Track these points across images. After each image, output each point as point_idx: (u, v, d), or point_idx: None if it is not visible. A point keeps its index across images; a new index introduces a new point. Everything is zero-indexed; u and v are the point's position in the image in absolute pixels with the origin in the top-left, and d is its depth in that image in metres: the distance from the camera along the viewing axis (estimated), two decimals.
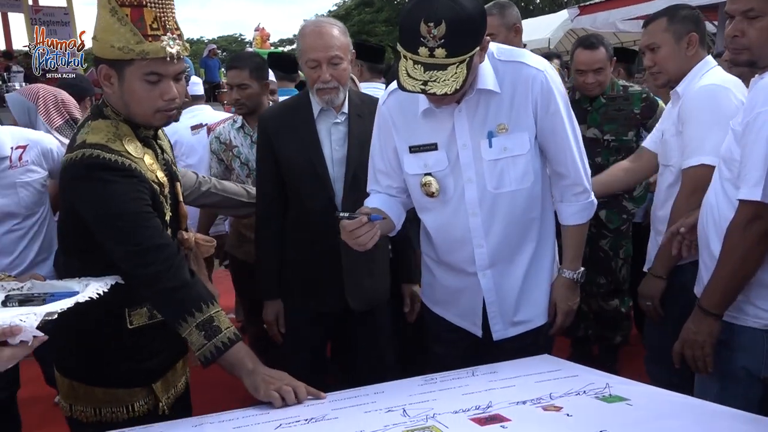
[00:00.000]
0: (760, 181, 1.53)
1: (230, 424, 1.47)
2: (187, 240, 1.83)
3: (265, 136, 2.31)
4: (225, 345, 1.58)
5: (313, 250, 2.28)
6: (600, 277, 3.31)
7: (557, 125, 1.74)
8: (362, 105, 2.32)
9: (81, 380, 1.79)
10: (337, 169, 2.25)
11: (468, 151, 1.76)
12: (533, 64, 1.69)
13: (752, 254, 1.58)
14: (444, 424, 1.27)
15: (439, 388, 1.58)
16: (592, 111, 3.17)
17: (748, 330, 1.61)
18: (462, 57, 1.50)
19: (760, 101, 1.57)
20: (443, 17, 1.45)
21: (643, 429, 1.15)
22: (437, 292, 2.06)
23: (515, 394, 1.44)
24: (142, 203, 1.62)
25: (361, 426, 1.31)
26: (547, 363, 1.75)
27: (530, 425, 1.23)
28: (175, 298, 1.62)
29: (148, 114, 1.65)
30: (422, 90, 1.51)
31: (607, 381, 1.48)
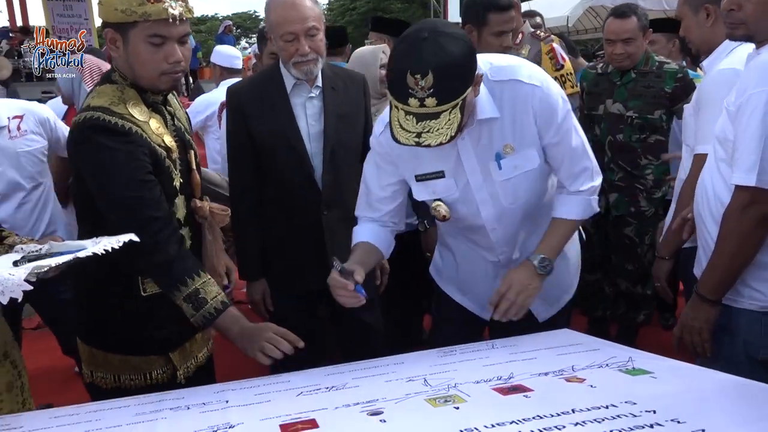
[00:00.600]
0: (754, 166, 1.48)
1: (251, 392, 1.48)
2: (200, 208, 1.82)
3: (237, 112, 2.23)
4: (211, 315, 1.65)
5: (295, 227, 2.23)
6: (627, 264, 3.27)
7: (561, 138, 1.69)
8: (335, 77, 2.25)
9: (99, 347, 1.81)
10: (315, 144, 2.19)
11: (478, 176, 1.72)
12: (529, 81, 1.62)
13: (749, 240, 1.54)
14: (466, 393, 1.27)
15: (459, 360, 1.58)
16: (620, 85, 3.08)
17: (745, 312, 1.59)
18: (454, 102, 1.44)
19: (752, 82, 1.51)
20: (429, 67, 1.39)
21: (669, 401, 1.14)
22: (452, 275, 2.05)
23: (537, 366, 1.43)
24: (140, 171, 1.62)
25: (383, 394, 1.31)
26: (567, 337, 1.74)
27: (554, 395, 1.22)
28: (161, 272, 1.66)
29: (154, 77, 1.66)
30: (416, 143, 1.45)
31: (630, 355, 1.47)
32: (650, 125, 3.04)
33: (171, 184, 1.71)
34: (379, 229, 1.85)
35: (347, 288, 1.63)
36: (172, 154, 1.71)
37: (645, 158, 3.09)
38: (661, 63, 3.07)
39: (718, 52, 2.08)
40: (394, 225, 1.88)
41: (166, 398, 1.50)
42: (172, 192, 1.73)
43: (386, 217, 1.85)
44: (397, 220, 1.89)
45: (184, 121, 1.90)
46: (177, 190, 1.74)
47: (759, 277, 1.57)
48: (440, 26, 1.47)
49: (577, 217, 1.78)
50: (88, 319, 1.82)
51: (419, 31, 1.44)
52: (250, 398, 1.41)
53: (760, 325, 1.57)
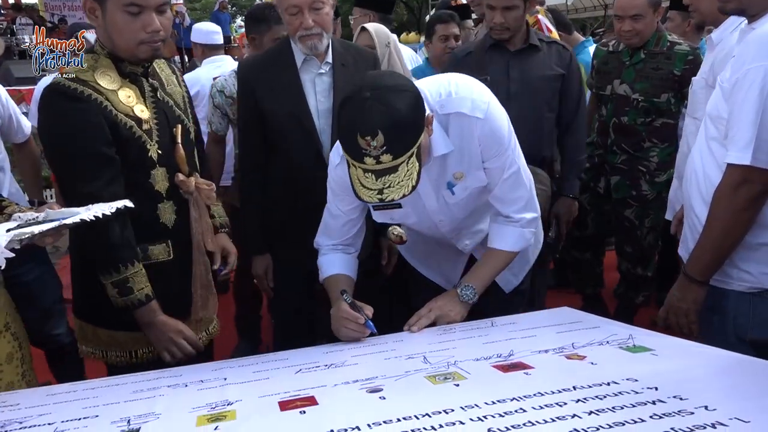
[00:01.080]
0: (749, 143, 1.44)
1: (250, 369, 1.47)
2: (183, 183, 1.80)
3: (246, 87, 2.22)
4: (133, 305, 1.68)
5: (301, 203, 2.22)
6: (626, 246, 3.27)
7: (502, 163, 1.67)
8: (346, 53, 2.23)
9: (88, 321, 1.83)
10: (323, 120, 2.18)
11: (432, 202, 1.73)
12: (472, 113, 1.60)
13: (740, 220, 1.50)
14: (466, 371, 1.26)
15: (458, 338, 1.57)
16: (629, 66, 3.03)
17: (733, 293, 1.56)
18: (409, 153, 1.42)
19: (750, 56, 1.46)
20: (378, 128, 1.37)
21: (671, 378, 1.13)
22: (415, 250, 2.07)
23: (537, 344, 1.42)
24: (93, 143, 1.61)
25: (382, 371, 1.30)
26: (567, 315, 1.74)
27: (554, 373, 1.22)
28: (97, 252, 1.68)
29: (132, 46, 1.66)
30: (379, 200, 1.44)
31: (630, 332, 1.46)
32: (656, 109, 2.99)
33: (145, 155, 1.70)
34: (346, 258, 1.84)
35: (358, 321, 1.62)
36: (144, 125, 1.70)
37: (650, 141, 3.06)
38: (672, 44, 2.98)
39: (729, 23, 2.02)
40: (356, 251, 1.87)
41: (164, 375, 1.49)
42: (148, 163, 1.72)
43: (349, 241, 1.84)
44: (358, 245, 1.88)
45: (177, 96, 1.87)
46: (154, 161, 1.72)
47: (748, 258, 1.54)
48: (381, 81, 1.43)
49: (510, 249, 1.79)
50: (81, 293, 1.82)
51: (361, 91, 1.40)
52: (248, 376, 1.40)
53: (749, 305, 1.55)
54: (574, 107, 2.71)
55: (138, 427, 1.11)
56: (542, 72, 2.62)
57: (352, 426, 1.01)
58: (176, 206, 1.80)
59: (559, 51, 2.68)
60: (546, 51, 2.65)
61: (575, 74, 2.70)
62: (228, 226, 2.11)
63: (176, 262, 1.81)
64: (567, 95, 2.68)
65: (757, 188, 1.47)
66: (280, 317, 2.40)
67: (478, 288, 1.76)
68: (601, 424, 0.95)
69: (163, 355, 1.73)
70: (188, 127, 1.87)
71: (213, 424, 1.09)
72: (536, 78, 2.61)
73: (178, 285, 1.82)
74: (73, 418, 1.19)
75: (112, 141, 1.64)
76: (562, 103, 2.69)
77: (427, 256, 2.04)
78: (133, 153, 1.68)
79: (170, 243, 1.79)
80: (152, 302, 1.70)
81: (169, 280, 1.78)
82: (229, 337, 3.39)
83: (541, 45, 2.64)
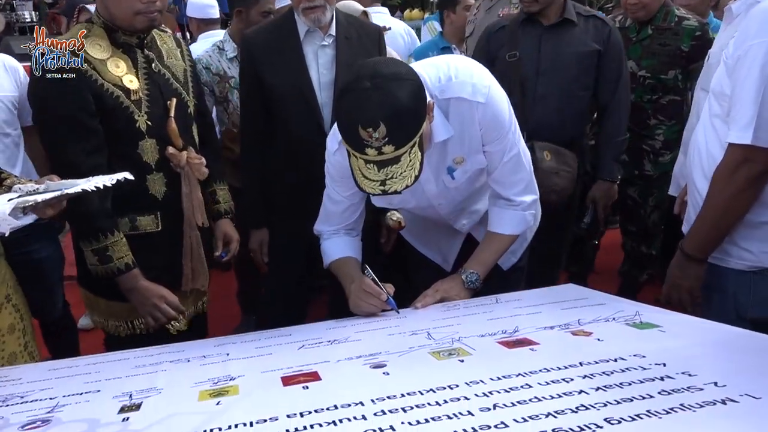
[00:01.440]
0: (750, 122, 1.40)
1: (252, 345, 1.46)
2: (173, 156, 1.79)
3: (249, 58, 2.20)
4: (113, 272, 1.71)
5: (302, 176, 2.18)
6: (630, 224, 3.23)
7: (503, 147, 1.65)
8: (349, 27, 2.19)
9: (88, 289, 1.85)
10: (325, 93, 2.15)
11: (432, 186, 1.71)
12: (473, 98, 1.56)
13: (739, 199, 1.47)
14: (471, 347, 1.25)
15: (463, 314, 1.56)
16: (635, 42, 2.96)
17: (733, 272, 1.54)
18: (412, 143, 1.39)
19: (752, 32, 1.41)
20: (380, 119, 1.32)
21: (679, 354, 1.12)
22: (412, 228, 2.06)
23: (542, 320, 1.40)
24: (72, 110, 1.63)
25: (386, 347, 1.29)
26: (572, 291, 1.72)
27: (560, 349, 1.20)
28: (76, 221, 1.72)
29: (128, 16, 1.67)
30: (382, 191, 1.41)
31: (637, 309, 1.44)
32: (663, 86, 2.94)
33: (133, 125, 1.71)
34: (350, 240, 1.82)
35: (381, 297, 1.61)
36: (133, 95, 1.70)
37: (655, 118, 3.01)
38: (681, 18, 2.91)
39: None
40: (357, 234, 1.85)
41: (166, 351, 1.49)
42: (136, 133, 1.72)
43: (351, 225, 1.82)
44: (359, 229, 1.86)
45: (178, 69, 1.86)
46: (143, 132, 1.73)
47: (748, 236, 1.51)
48: (381, 69, 1.38)
49: (511, 232, 1.77)
50: (80, 260, 1.82)
51: (360, 80, 1.35)
52: (251, 351, 1.39)
53: (750, 283, 1.53)
54: (613, 86, 2.54)
55: (140, 402, 1.10)
56: (576, 48, 2.47)
57: (355, 401, 1.00)
58: (167, 179, 1.80)
59: (597, 26, 2.52)
60: (582, 26, 2.50)
61: (615, 50, 2.51)
62: (232, 211, 2.09)
63: (165, 234, 1.82)
64: (604, 73, 2.52)
65: (758, 168, 1.43)
66: (278, 290, 2.37)
67: (481, 274, 1.75)
68: (608, 400, 0.93)
69: (147, 320, 1.76)
70: (186, 101, 1.86)
71: (215, 399, 1.08)
72: (569, 54, 2.47)
73: (167, 257, 1.84)
74: (74, 393, 1.18)
75: (94, 110, 1.65)
76: (599, 80, 2.53)
77: (424, 235, 2.02)
78: (120, 123, 1.69)
79: (159, 215, 1.80)
80: (133, 270, 1.72)
81: (157, 251, 1.80)
82: (235, 313, 3.40)
83: (578, 19, 2.49)
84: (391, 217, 2.09)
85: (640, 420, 0.87)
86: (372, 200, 1.78)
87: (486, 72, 1.63)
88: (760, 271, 1.50)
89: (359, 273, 1.69)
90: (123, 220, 1.75)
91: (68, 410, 1.09)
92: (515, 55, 2.46)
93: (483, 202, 1.87)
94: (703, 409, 0.89)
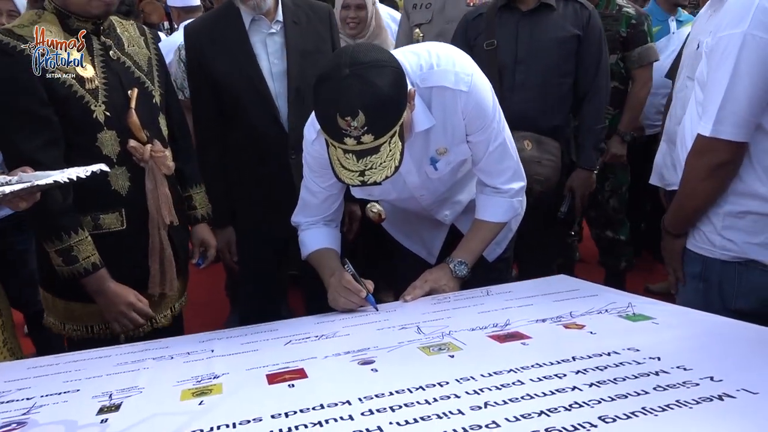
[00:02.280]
0: (713, 114, 1.41)
1: (237, 341, 1.43)
2: (134, 149, 1.69)
3: (193, 53, 2.09)
4: (80, 273, 1.63)
5: (263, 172, 2.12)
6: (590, 210, 3.22)
7: (487, 136, 1.62)
8: (297, 10, 2.09)
9: (47, 290, 1.78)
10: (278, 84, 2.06)
11: (414, 177, 1.67)
12: (455, 87, 1.52)
13: (700, 187, 1.49)
14: (461, 341, 1.22)
15: (453, 307, 1.53)
16: None
17: (718, 262, 1.54)
18: (392, 132, 1.34)
19: (725, 22, 1.40)
20: (358, 107, 1.28)
21: (673, 347, 1.09)
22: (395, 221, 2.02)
23: (534, 313, 1.38)
24: (21, 99, 1.55)
25: (375, 342, 1.26)
26: (564, 283, 1.70)
27: (552, 342, 1.18)
28: (37, 221, 1.63)
29: (83, 1, 1.59)
30: (361, 182, 1.37)
31: (630, 300, 1.42)
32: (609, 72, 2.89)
33: (89, 116, 1.62)
34: (329, 231, 1.78)
35: (360, 294, 1.57)
36: (87, 84, 1.62)
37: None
38: (621, 6, 2.96)
39: None
40: (336, 225, 1.82)
41: (150, 347, 1.45)
42: (93, 125, 1.63)
43: (330, 216, 1.78)
44: (338, 220, 1.83)
45: (141, 57, 1.77)
46: (101, 123, 1.64)
47: (731, 226, 1.51)
48: (360, 56, 1.33)
49: (499, 220, 1.74)
50: (40, 260, 1.76)
51: (338, 68, 1.31)
52: (236, 347, 1.36)
53: (735, 273, 1.52)
54: (593, 71, 2.47)
55: (120, 402, 1.06)
56: (554, 33, 2.41)
57: (342, 400, 0.97)
58: (130, 173, 1.70)
59: (576, 10, 2.46)
60: (561, 10, 2.44)
61: (594, 35, 2.45)
62: (210, 216, 2.01)
63: (131, 232, 1.72)
64: (584, 58, 2.46)
65: (720, 157, 1.43)
66: (253, 287, 2.30)
67: (469, 262, 1.72)
68: (602, 397, 0.91)
69: (113, 326, 1.69)
70: (150, 91, 1.76)
71: (197, 399, 1.05)
72: (547, 40, 2.40)
73: (133, 257, 1.74)
74: (52, 393, 1.14)
75: (46, 99, 1.56)
76: (579, 66, 2.47)
77: (407, 228, 1.99)
78: (75, 113, 1.60)
79: (124, 212, 1.71)
80: (100, 270, 1.65)
81: (122, 252, 1.71)
82: (224, 307, 3.36)
83: (556, 4, 2.44)
84: (371, 209, 2.04)
85: (635, 418, 0.84)
86: (351, 191, 1.74)
87: (468, 59, 1.59)
88: (744, 262, 1.49)
89: (339, 265, 1.65)
90: (85, 218, 1.66)
91: (45, 411, 1.06)
92: (493, 43, 2.41)
93: (466, 192, 1.84)
94: (700, 405, 0.87)
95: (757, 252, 1.46)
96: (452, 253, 1.75)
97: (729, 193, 1.48)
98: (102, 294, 1.66)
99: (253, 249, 2.24)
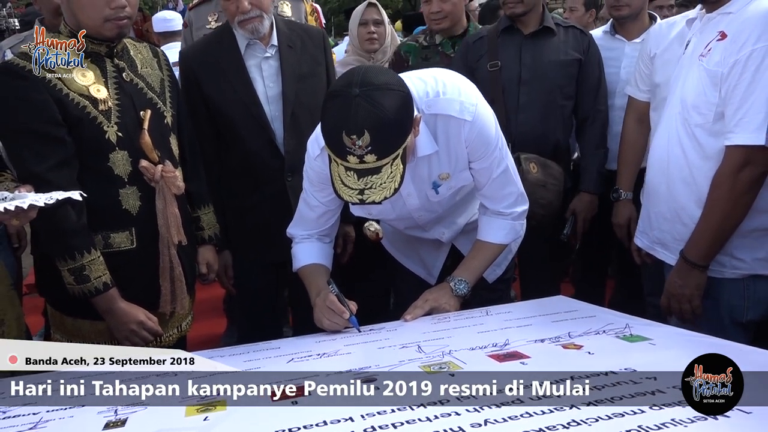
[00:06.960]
0: (763, 124, 1.43)
1: (240, 358, 1.44)
2: (147, 169, 1.70)
3: (190, 77, 2.08)
4: (91, 293, 1.64)
5: (259, 196, 2.11)
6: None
7: (490, 164, 1.65)
8: (292, 34, 2.11)
9: (54, 306, 1.79)
10: (274, 107, 2.07)
11: (414, 200, 1.70)
12: (460, 116, 1.55)
13: (742, 202, 1.50)
14: (462, 360, 1.24)
15: (453, 327, 1.55)
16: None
17: (727, 281, 1.57)
18: (394, 155, 1.38)
19: (752, 38, 1.44)
20: (364, 127, 1.32)
21: (669, 368, 1.11)
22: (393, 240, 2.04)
23: (532, 333, 1.40)
24: (34, 120, 1.58)
25: (376, 361, 1.28)
26: (562, 303, 1.72)
27: (551, 362, 1.20)
28: (50, 239, 1.64)
29: (97, 23, 1.62)
30: (360, 200, 1.40)
31: (627, 321, 1.44)
32: None
33: (101, 136, 1.64)
34: (322, 247, 1.80)
35: (343, 315, 1.59)
36: (101, 105, 1.64)
37: None
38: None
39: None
40: (331, 241, 1.84)
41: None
42: (106, 145, 1.65)
43: (325, 232, 1.80)
44: (333, 235, 1.85)
45: (153, 79, 1.80)
46: (113, 144, 1.66)
47: (741, 245, 1.54)
48: (372, 77, 1.37)
49: (501, 241, 1.76)
50: (45, 276, 1.77)
51: (349, 86, 1.35)
52: (239, 365, 1.37)
53: (743, 288, 1.55)
54: (593, 95, 2.52)
55: (125, 418, 1.08)
56: (557, 56, 2.46)
57: (345, 417, 0.98)
58: (141, 192, 1.71)
59: (576, 35, 2.52)
60: (562, 35, 2.50)
61: (594, 60, 2.51)
62: (218, 237, 2.02)
63: (141, 251, 1.73)
64: (585, 82, 2.51)
65: (759, 170, 1.46)
66: (246, 311, 2.30)
67: (470, 281, 1.74)
68: (599, 415, 0.93)
69: (123, 345, 1.66)
70: (162, 112, 1.78)
71: (202, 415, 1.06)
72: (550, 62, 2.46)
73: (144, 276, 1.75)
74: (58, 408, 1.16)
75: (61, 120, 1.59)
76: (580, 90, 2.51)
77: (407, 248, 2.01)
78: (88, 134, 1.62)
79: (134, 231, 1.71)
80: (111, 290, 1.65)
81: (133, 270, 1.72)
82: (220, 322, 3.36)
83: (557, 29, 2.49)
84: (369, 227, 2.05)
85: None
86: (351, 209, 1.76)
87: (473, 88, 1.62)
88: (752, 276, 1.51)
89: (326, 285, 1.66)
90: (96, 237, 1.67)
91: (51, 426, 1.08)
92: (496, 64, 2.46)
93: (464, 215, 1.87)
94: (695, 424, 0.89)
95: (764, 266, 1.49)
96: (453, 272, 1.77)
97: None
98: (112, 313, 1.67)
99: (250, 273, 2.22)
